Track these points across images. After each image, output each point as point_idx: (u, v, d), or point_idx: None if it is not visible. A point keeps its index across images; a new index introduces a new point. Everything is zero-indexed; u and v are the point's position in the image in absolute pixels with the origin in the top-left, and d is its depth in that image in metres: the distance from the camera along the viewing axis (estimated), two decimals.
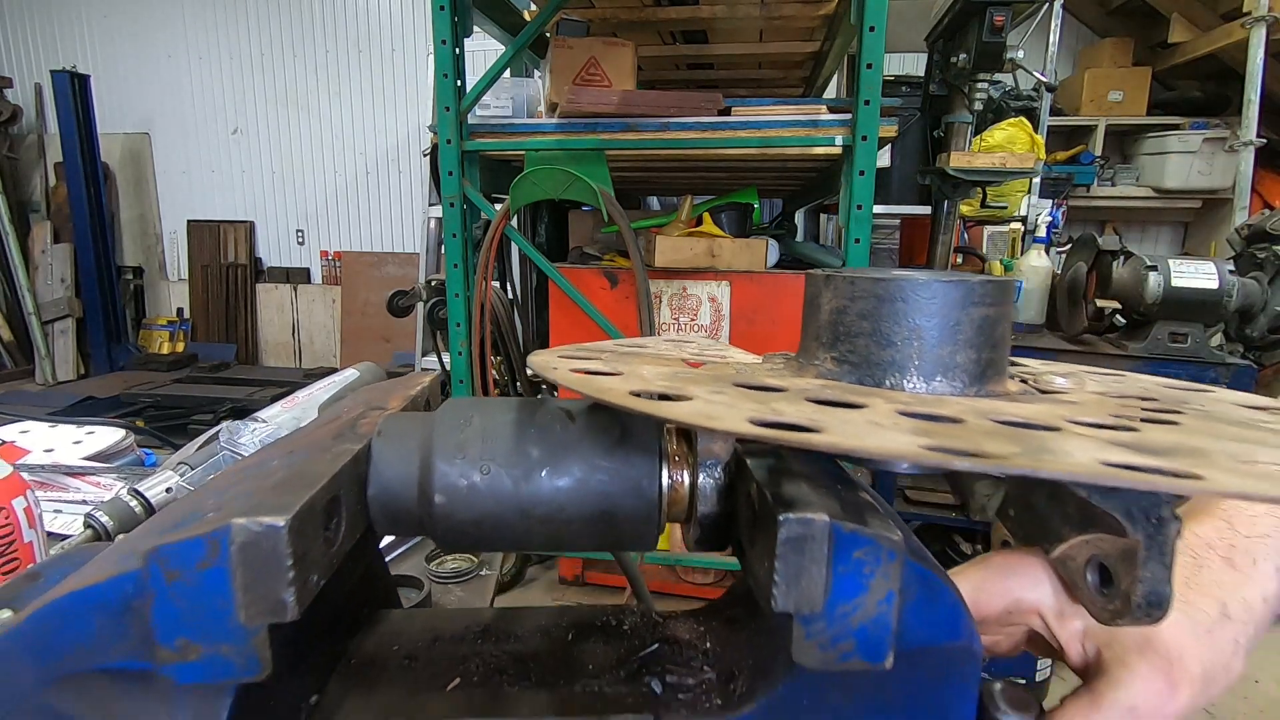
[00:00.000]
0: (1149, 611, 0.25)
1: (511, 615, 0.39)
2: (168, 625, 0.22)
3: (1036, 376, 0.28)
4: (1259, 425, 0.20)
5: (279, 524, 0.20)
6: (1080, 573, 0.27)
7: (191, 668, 0.22)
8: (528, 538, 0.28)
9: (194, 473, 0.80)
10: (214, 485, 0.28)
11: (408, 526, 0.29)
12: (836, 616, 0.21)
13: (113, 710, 0.26)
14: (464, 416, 0.28)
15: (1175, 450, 0.17)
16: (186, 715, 0.26)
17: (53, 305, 5.70)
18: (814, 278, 0.26)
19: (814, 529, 0.20)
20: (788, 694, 0.27)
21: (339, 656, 0.35)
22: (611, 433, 0.26)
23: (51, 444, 1.15)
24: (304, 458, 0.27)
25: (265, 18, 5.82)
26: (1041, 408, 0.22)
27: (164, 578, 0.21)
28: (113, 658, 0.25)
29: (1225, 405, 0.23)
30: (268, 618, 0.21)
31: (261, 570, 0.20)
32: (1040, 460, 0.15)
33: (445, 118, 1.87)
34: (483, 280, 1.95)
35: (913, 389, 0.24)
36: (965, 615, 0.24)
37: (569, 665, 0.33)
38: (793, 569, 0.20)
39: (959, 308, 0.23)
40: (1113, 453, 0.17)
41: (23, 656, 0.26)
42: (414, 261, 5.26)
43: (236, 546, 0.20)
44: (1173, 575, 0.24)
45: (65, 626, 0.25)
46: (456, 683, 0.33)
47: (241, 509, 0.21)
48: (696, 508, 0.26)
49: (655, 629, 0.35)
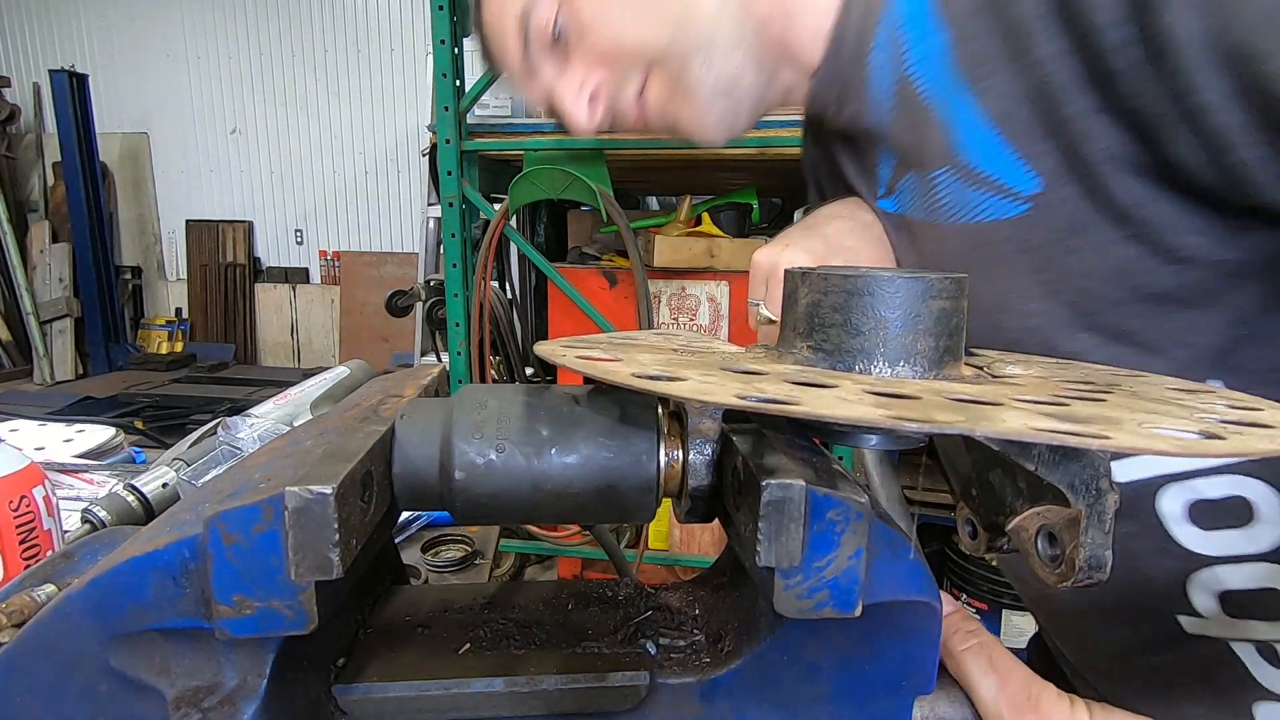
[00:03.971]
0: (1090, 573, 0.28)
1: (515, 588, 0.42)
2: (225, 584, 0.25)
3: (991, 363, 0.31)
4: (1175, 402, 0.23)
5: (327, 491, 0.23)
6: (1032, 542, 0.30)
7: (246, 621, 0.25)
8: (539, 510, 0.31)
9: (191, 468, 0.82)
10: (254, 462, 0.31)
11: (429, 501, 0.32)
12: (812, 570, 0.24)
13: (167, 666, 0.29)
14: (480, 400, 0.31)
15: (1094, 419, 0.20)
16: (234, 669, 0.29)
17: (51, 305, 5.71)
18: (791, 274, 0.29)
19: (793, 492, 0.23)
20: (769, 649, 0.30)
21: (360, 625, 0.38)
22: (613, 414, 0.30)
23: (42, 442, 1.17)
24: (336, 437, 0.30)
25: (264, 17, 5.83)
26: (990, 388, 0.25)
27: (223, 540, 0.24)
28: (168, 616, 0.28)
29: (1153, 387, 0.27)
30: (316, 575, 0.24)
31: (311, 532, 0.23)
32: (977, 424, 0.18)
33: (444, 118, 1.89)
34: (482, 280, 1.98)
35: (879, 373, 0.27)
36: (926, 573, 0.28)
37: (570, 631, 0.36)
38: (774, 528, 0.23)
39: (920, 301, 0.26)
40: (1041, 421, 0.20)
41: (84, 618, 0.29)
42: (413, 261, 5.29)
43: (290, 511, 0.23)
44: (1110, 540, 0.27)
45: (125, 589, 0.28)
46: (468, 647, 0.36)
47: (291, 479, 0.24)
48: (687, 482, 0.29)
49: (648, 598, 0.38)
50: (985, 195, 0.46)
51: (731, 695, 0.32)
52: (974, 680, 0.33)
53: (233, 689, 0.28)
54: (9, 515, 0.67)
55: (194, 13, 5.85)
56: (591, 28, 0.56)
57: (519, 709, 0.32)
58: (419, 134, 5.63)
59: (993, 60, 0.43)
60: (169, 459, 0.84)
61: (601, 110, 0.60)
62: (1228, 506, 0.47)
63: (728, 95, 0.56)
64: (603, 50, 0.57)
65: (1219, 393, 0.28)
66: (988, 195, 0.46)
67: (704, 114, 0.57)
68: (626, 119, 0.60)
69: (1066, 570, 0.29)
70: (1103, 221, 0.42)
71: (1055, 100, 0.41)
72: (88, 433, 1.21)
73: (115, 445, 1.20)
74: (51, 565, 0.41)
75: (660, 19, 0.55)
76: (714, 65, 0.55)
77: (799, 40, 0.56)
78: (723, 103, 0.56)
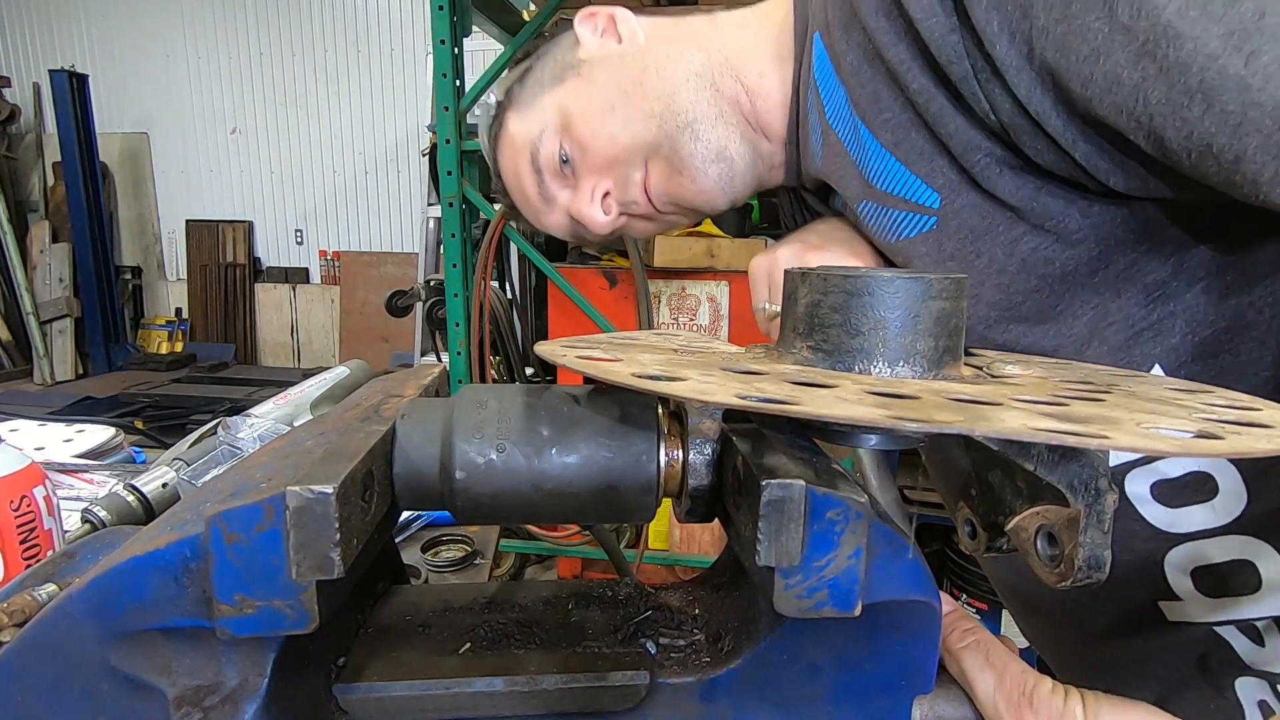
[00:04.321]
0: (1090, 573, 0.28)
1: (514, 588, 0.42)
2: (227, 583, 0.25)
3: (990, 364, 0.31)
4: (1173, 402, 0.23)
5: (328, 491, 0.23)
6: (1031, 542, 0.30)
7: (247, 621, 0.25)
8: (539, 510, 0.31)
9: (191, 468, 0.82)
10: (255, 462, 0.31)
11: (430, 501, 0.32)
12: (812, 569, 0.24)
13: (168, 665, 0.29)
14: (480, 400, 0.31)
15: (1093, 419, 0.20)
16: (235, 668, 0.29)
17: (51, 305, 5.71)
18: (791, 275, 0.29)
19: (792, 492, 0.23)
20: (769, 649, 0.30)
21: (360, 625, 0.38)
22: (613, 414, 0.30)
23: (42, 442, 1.17)
24: (337, 437, 0.30)
25: (264, 17, 5.83)
26: (989, 388, 0.25)
27: (224, 540, 0.24)
28: (169, 616, 0.28)
29: (1151, 387, 0.27)
30: (317, 574, 0.24)
31: (312, 532, 0.23)
32: (976, 424, 0.18)
33: (444, 117, 1.89)
34: (482, 280, 1.98)
35: (878, 373, 0.27)
36: (926, 573, 0.28)
37: (570, 630, 0.36)
38: (774, 527, 0.23)
39: (919, 301, 0.26)
40: (1040, 421, 0.20)
41: (85, 617, 0.29)
42: (413, 261, 5.29)
43: (291, 511, 0.23)
44: (1109, 540, 0.28)
45: (126, 588, 0.28)
46: (468, 647, 0.36)
47: (292, 479, 0.24)
48: (687, 482, 0.30)
49: (648, 598, 0.38)
50: (901, 214, 0.53)
51: (731, 695, 0.32)
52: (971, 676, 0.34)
53: (234, 688, 0.28)
54: (9, 515, 0.67)
55: (194, 13, 5.85)
56: (589, 144, 0.64)
57: (519, 708, 0.32)
58: (419, 134, 5.63)
59: (880, 100, 0.51)
60: (169, 459, 0.84)
61: (615, 208, 0.67)
62: (1190, 482, 0.50)
63: (719, 160, 0.63)
64: (604, 159, 0.65)
65: (1217, 392, 0.28)
66: (903, 213, 0.53)
67: (701, 179, 0.63)
68: (639, 209, 0.67)
69: (1066, 570, 0.29)
70: (1001, 221, 0.49)
71: (935, 123, 0.48)
72: (88, 433, 1.21)
73: (115, 445, 1.20)
74: (52, 565, 0.41)
75: (645, 116, 0.62)
76: (701, 138, 0.62)
77: (766, 113, 0.63)
78: (716, 167, 0.63)
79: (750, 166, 0.64)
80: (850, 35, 0.52)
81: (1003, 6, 0.41)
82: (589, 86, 0.64)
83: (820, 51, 0.56)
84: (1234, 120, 0.35)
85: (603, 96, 0.64)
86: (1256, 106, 0.34)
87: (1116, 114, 0.39)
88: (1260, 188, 0.36)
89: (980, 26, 0.42)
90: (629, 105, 0.62)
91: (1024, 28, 0.41)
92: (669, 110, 0.62)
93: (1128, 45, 0.37)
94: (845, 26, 0.52)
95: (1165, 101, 0.36)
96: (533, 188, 0.69)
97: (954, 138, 0.48)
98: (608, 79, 0.64)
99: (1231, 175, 0.36)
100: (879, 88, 0.50)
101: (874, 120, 0.52)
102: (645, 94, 0.62)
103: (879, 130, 0.52)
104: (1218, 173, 0.37)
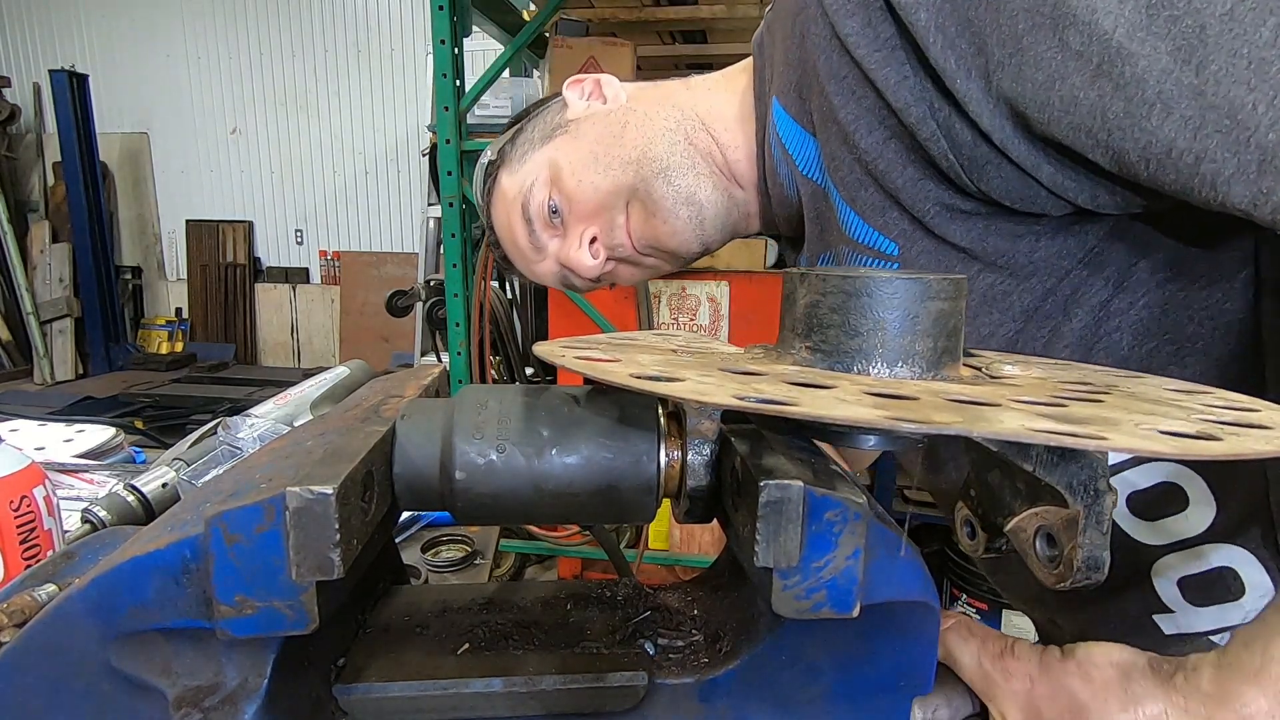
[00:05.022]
0: (1088, 574, 0.28)
1: (513, 588, 0.42)
2: (227, 584, 0.25)
3: (989, 364, 0.31)
4: (1172, 403, 0.23)
5: (328, 492, 0.23)
6: (1030, 543, 0.30)
7: (247, 621, 0.25)
8: (539, 510, 0.31)
9: (191, 468, 0.82)
10: (255, 462, 0.31)
11: (430, 502, 0.32)
12: (810, 570, 0.24)
13: (168, 666, 0.29)
14: (480, 401, 0.31)
15: (1092, 420, 0.20)
16: (235, 669, 0.29)
17: (51, 305, 5.71)
18: (790, 275, 0.29)
19: (790, 493, 0.23)
20: (768, 649, 0.30)
21: (360, 625, 0.38)
22: (612, 415, 0.30)
23: (42, 442, 1.17)
24: (337, 437, 0.30)
25: (264, 17, 5.84)
26: (988, 389, 0.25)
27: (224, 540, 0.24)
28: (169, 616, 0.28)
29: (1150, 388, 0.27)
30: (316, 575, 0.24)
31: (312, 533, 0.23)
32: (974, 424, 0.18)
33: (444, 117, 1.89)
34: (482, 280, 1.98)
35: (877, 374, 0.27)
36: (925, 574, 0.28)
37: (569, 631, 0.36)
38: (772, 528, 0.23)
39: (917, 302, 0.26)
40: (1039, 422, 0.20)
41: (86, 618, 0.29)
42: (413, 261, 5.29)
43: (291, 511, 0.23)
44: (1108, 541, 0.28)
45: (126, 588, 0.28)
46: (466, 647, 0.36)
47: (292, 479, 0.24)
48: (686, 483, 0.30)
49: (647, 598, 0.38)
50: (872, 261, 0.57)
51: (730, 695, 0.32)
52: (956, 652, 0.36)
53: (234, 689, 0.28)
54: (9, 515, 0.68)
55: (194, 13, 5.85)
56: (575, 194, 0.69)
57: (518, 709, 0.32)
58: (419, 134, 5.63)
59: (838, 156, 0.54)
60: (169, 459, 0.84)
61: (603, 252, 0.71)
62: (1161, 493, 0.53)
63: (689, 204, 0.67)
64: (590, 207, 0.69)
65: (1216, 393, 0.28)
66: (874, 261, 0.57)
67: (673, 220, 0.67)
68: (624, 253, 0.72)
69: (1064, 571, 0.29)
70: (956, 262, 0.52)
71: (884, 179, 0.52)
72: (88, 433, 1.21)
73: (115, 445, 1.20)
74: (52, 565, 0.41)
75: (623, 163, 0.67)
76: (673, 183, 0.67)
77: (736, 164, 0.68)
78: (686, 210, 0.67)
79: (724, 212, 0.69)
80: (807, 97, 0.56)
81: (956, 46, 0.44)
82: (575, 141, 0.70)
83: (780, 113, 0.60)
84: (1194, 125, 0.37)
85: (587, 149, 0.69)
86: (1213, 109, 0.37)
87: (1075, 133, 0.41)
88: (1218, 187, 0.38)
89: (938, 66, 0.45)
90: (610, 154, 0.68)
91: (979, 63, 0.44)
92: (645, 158, 0.67)
93: (1082, 69, 0.40)
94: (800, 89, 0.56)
95: (1124, 114, 0.39)
96: (524, 237, 0.73)
97: (903, 190, 0.51)
98: (592, 134, 0.69)
99: (1190, 179, 0.38)
100: (835, 147, 0.54)
101: (836, 176, 0.56)
102: (625, 144, 0.67)
103: (840, 186, 0.56)
104: (1175, 179, 0.39)
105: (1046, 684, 0.35)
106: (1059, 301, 0.52)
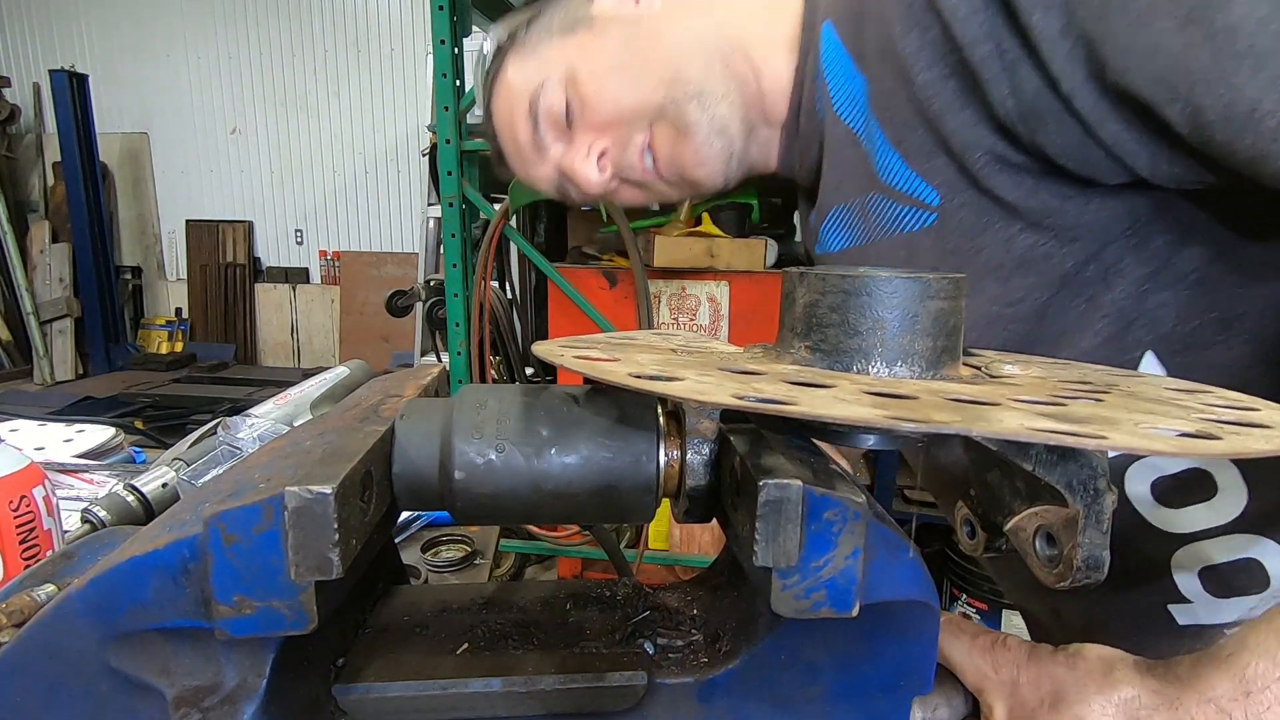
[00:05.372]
0: (1088, 573, 0.28)
1: (512, 588, 0.42)
2: (225, 584, 0.25)
3: (989, 363, 0.31)
4: (1172, 402, 0.23)
5: (327, 491, 0.23)
6: (1030, 542, 0.30)
7: (246, 621, 0.25)
8: (539, 510, 0.31)
9: (191, 468, 0.82)
10: (254, 462, 0.31)
11: (429, 501, 0.32)
12: (809, 570, 0.24)
13: (167, 666, 0.29)
14: (480, 400, 0.31)
15: (1091, 419, 0.20)
16: (234, 669, 0.29)
17: (51, 305, 5.71)
18: (789, 275, 0.29)
19: (790, 492, 0.23)
20: (767, 649, 0.30)
21: (359, 625, 0.38)
22: (612, 414, 0.30)
23: (42, 442, 1.17)
24: (336, 437, 0.30)
25: (264, 17, 5.83)
26: (987, 388, 0.25)
27: (223, 540, 0.24)
28: (168, 616, 0.28)
29: (1150, 387, 0.27)
30: (315, 575, 0.24)
31: (311, 532, 0.23)
32: (974, 424, 0.18)
33: (444, 117, 1.89)
34: (482, 280, 1.98)
35: (876, 373, 0.27)
36: (924, 574, 0.28)
37: (568, 631, 0.36)
38: (771, 528, 0.23)
39: (917, 301, 0.26)
40: (1038, 421, 0.20)
41: (85, 618, 0.29)
42: (413, 261, 5.29)
43: (290, 511, 0.23)
44: (1108, 540, 0.28)
45: (125, 588, 0.28)
46: (466, 647, 0.36)
47: (291, 479, 0.24)
48: (685, 482, 0.30)
49: (646, 598, 0.38)
50: (907, 209, 0.54)
51: (729, 695, 0.32)
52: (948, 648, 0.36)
53: (233, 689, 0.28)
54: (9, 515, 0.68)
55: (194, 13, 5.85)
56: (593, 101, 0.63)
57: (517, 709, 0.32)
58: (419, 134, 5.62)
59: (891, 94, 0.51)
60: (169, 459, 0.84)
61: (610, 169, 0.67)
62: (1189, 479, 0.51)
63: (723, 134, 0.63)
64: (605, 118, 0.64)
65: (1216, 392, 0.28)
66: (908, 209, 0.54)
67: (706, 149, 0.63)
68: (633, 174, 0.67)
69: (1064, 570, 0.29)
70: (998, 219, 0.49)
71: (937, 121, 0.48)
72: (88, 433, 1.21)
73: (115, 445, 1.20)
74: (52, 565, 0.41)
75: (655, 81, 0.62)
76: (708, 109, 0.62)
77: (770, 94, 0.63)
78: (720, 140, 0.63)
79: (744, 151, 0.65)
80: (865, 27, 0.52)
81: None
82: (600, 42, 0.64)
83: (833, 42, 0.56)
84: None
85: (613, 55, 0.63)
86: None
87: (1154, 84, 0.38)
88: None
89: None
90: (639, 68, 0.62)
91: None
92: (679, 78, 0.62)
93: (1173, 11, 0.36)
94: (858, 17, 0.53)
95: (1210, 66, 0.35)
96: (526, 135, 0.67)
97: (954, 136, 0.48)
98: (620, 39, 0.63)
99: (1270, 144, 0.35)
100: (889, 84, 0.51)
101: (883, 115, 0.52)
102: (657, 59, 0.62)
103: (886, 126, 0.52)
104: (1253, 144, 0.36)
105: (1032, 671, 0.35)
106: (1100, 269, 0.48)
